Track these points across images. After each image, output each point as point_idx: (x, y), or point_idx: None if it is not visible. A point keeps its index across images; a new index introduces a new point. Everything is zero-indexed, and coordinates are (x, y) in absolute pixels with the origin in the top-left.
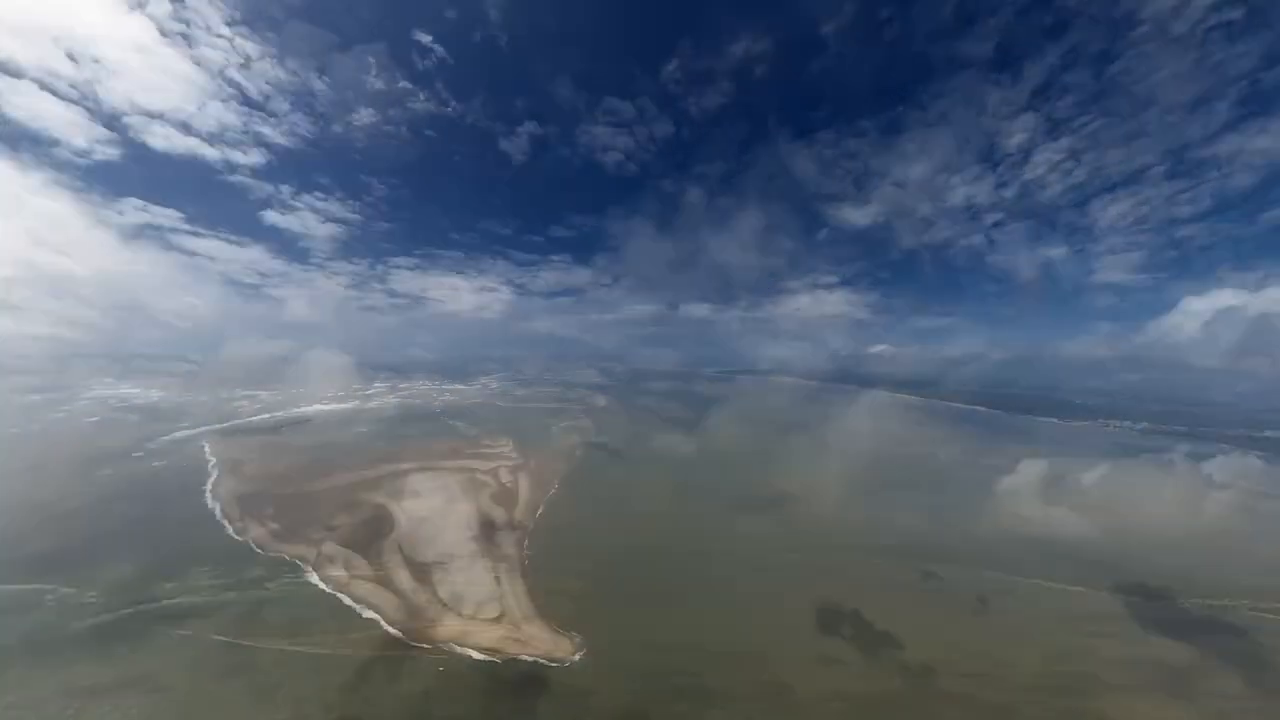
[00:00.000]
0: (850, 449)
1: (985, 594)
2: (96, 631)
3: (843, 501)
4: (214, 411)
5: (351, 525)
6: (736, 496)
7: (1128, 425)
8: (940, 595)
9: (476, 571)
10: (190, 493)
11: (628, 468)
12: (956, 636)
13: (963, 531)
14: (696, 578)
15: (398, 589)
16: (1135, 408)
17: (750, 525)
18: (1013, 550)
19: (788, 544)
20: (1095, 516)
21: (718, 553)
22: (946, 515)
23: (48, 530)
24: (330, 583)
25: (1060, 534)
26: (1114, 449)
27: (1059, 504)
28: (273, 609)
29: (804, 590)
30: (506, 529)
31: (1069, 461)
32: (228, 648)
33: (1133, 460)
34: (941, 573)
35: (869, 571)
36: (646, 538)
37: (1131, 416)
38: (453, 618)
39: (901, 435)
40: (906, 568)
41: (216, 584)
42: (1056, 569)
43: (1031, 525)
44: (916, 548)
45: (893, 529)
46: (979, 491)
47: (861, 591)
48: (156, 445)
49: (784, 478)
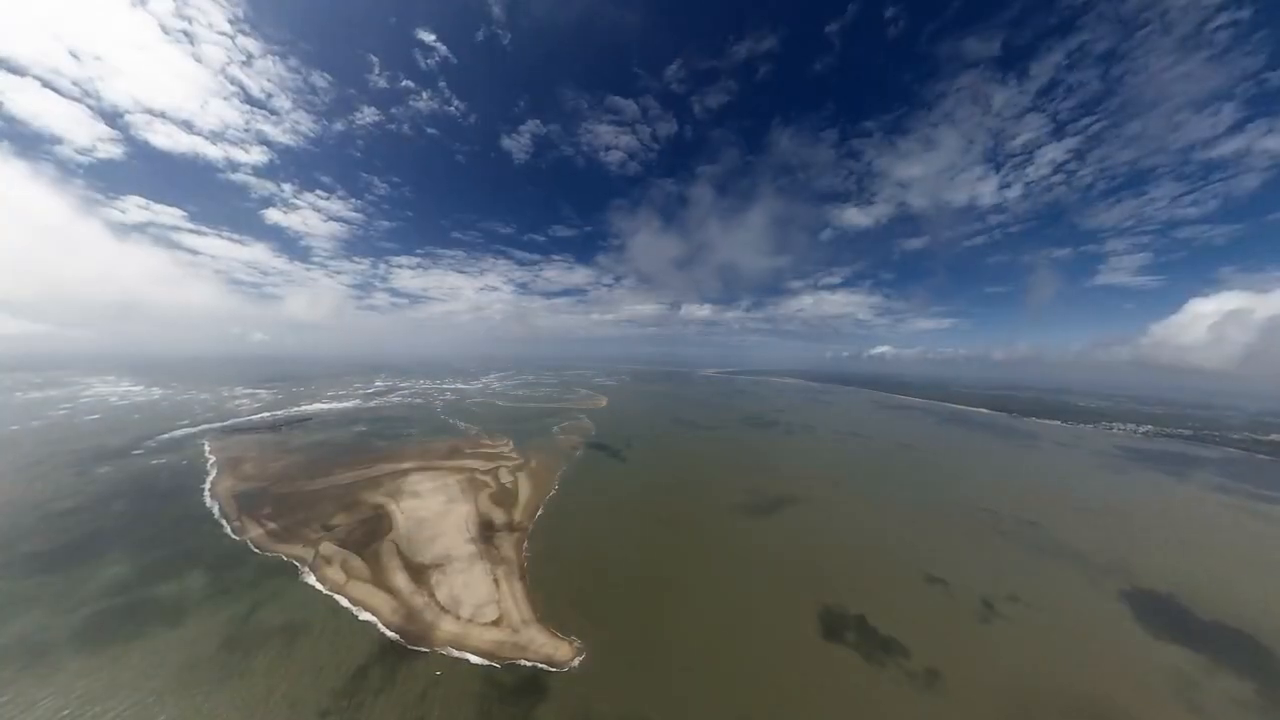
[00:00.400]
0: (853, 452)
1: (991, 599)
2: (89, 633)
3: (846, 504)
4: (214, 410)
5: (349, 525)
6: (738, 498)
7: (1131, 428)
8: (945, 600)
9: (475, 574)
10: (188, 491)
11: (628, 469)
12: (963, 644)
13: (965, 535)
14: (698, 581)
15: (395, 591)
16: (1139, 411)
17: (753, 527)
18: (1018, 555)
19: (791, 547)
20: (1102, 521)
21: (720, 555)
22: (948, 518)
23: (44, 528)
24: (327, 584)
25: (1066, 539)
26: (1118, 452)
27: (1064, 508)
28: (268, 611)
29: (808, 594)
30: (505, 530)
31: (1074, 465)
32: (222, 650)
33: (1137, 464)
34: (945, 577)
35: (873, 576)
36: (647, 540)
37: (1135, 420)
38: (450, 621)
39: (904, 438)
40: (911, 572)
41: (212, 585)
42: (1064, 575)
43: (1037, 530)
44: (920, 552)
45: (897, 533)
46: (982, 495)
47: (865, 596)
48: (156, 443)
49: (786, 480)
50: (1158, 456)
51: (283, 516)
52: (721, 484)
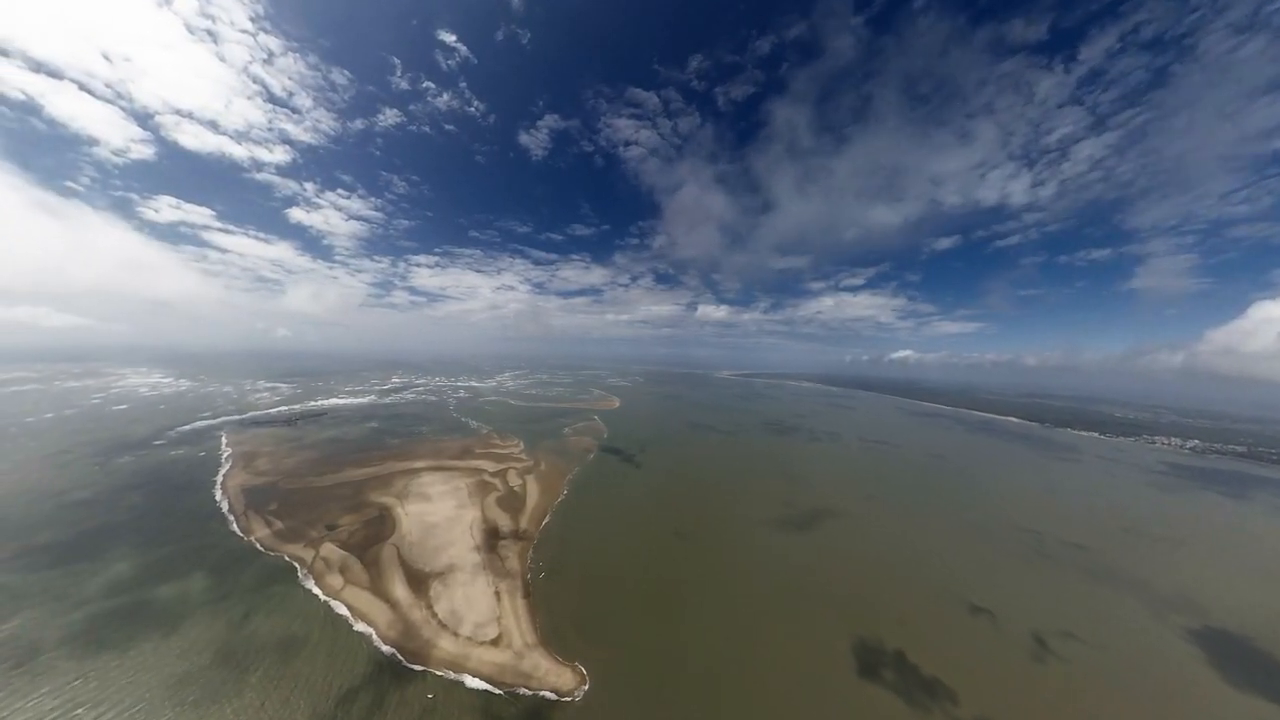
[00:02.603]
0: (882, 462)
1: (1043, 635)
2: (85, 635)
3: (879, 519)
4: (235, 402)
5: (352, 526)
6: (761, 510)
7: (1177, 443)
8: (993, 635)
9: (477, 587)
10: (201, 486)
11: (641, 474)
12: (1016, 688)
13: (1008, 558)
14: (717, 603)
15: (394, 602)
16: (1183, 424)
17: (778, 543)
18: (1069, 583)
19: (821, 566)
20: (1158, 547)
21: (741, 574)
22: (989, 539)
23: (59, 519)
24: (326, 590)
25: (1120, 565)
26: (1166, 469)
27: (1115, 530)
28: (266, 620)
29: (841, 622)
30: (511, 539)
31: (1119, 482)
32: (216, 663)
33: (1190, 482)
34: (991, 606)
35: (911, 603)
36: (660, 554)
37: (1179, 433)
38: (449, 639)
39: (934, 448)
40: (952, 600)
41: (213, 589)
42: (1123, 608)
43: (1087, 554)
44: (961, 576)
45: (935, 553)
46: (1022, 512)
47: (904, 627)
48: (177, 434)
49: (813, 491)
50: (1211, 475)
51: (288, 514)
52: (742, 494)
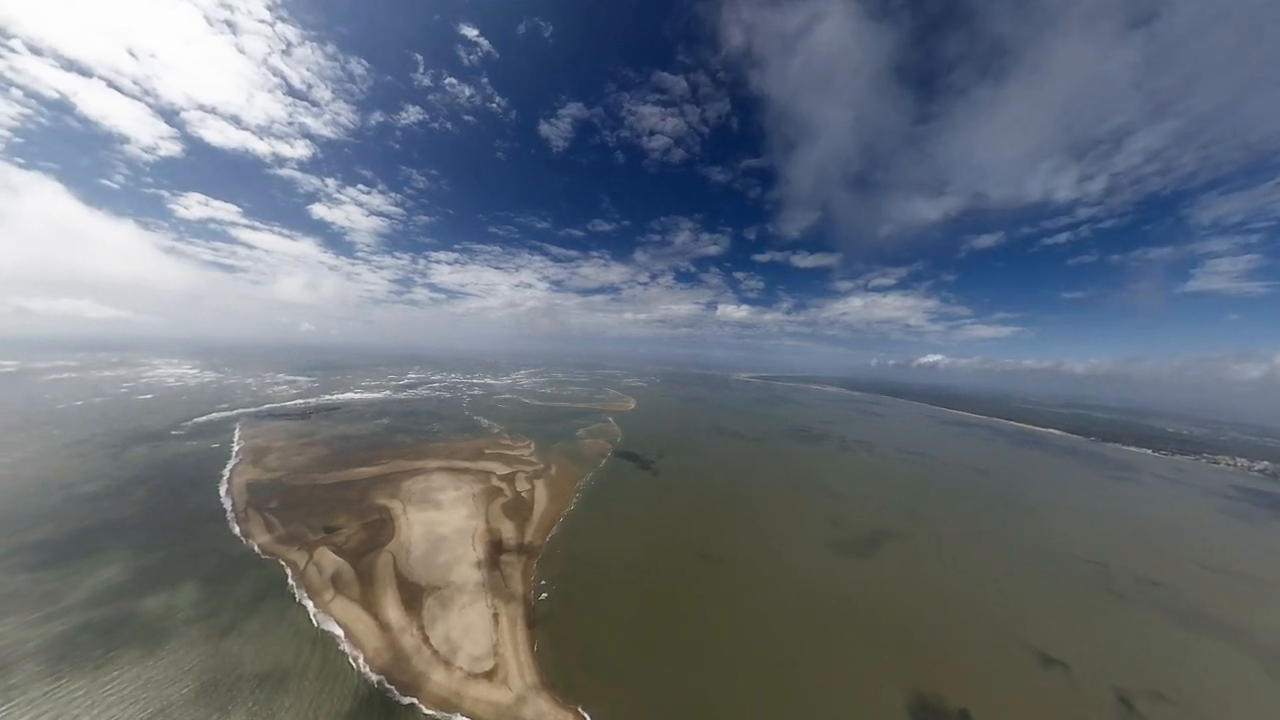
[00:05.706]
0: (921, 476)
1: (1129, 695)
2: (62, 650)
3: (927, 545)
4: (253, 394)
5: (351, 529)
6: (793, 529)
7: (1244, 464)
8: (1069, 693)
9: (474, 611)
10: (208, 481)
11: (659, 483)
12: None
13: (1074, 595)
14: (745, 640)
15: (384, 620)
16: (1246, 442)
17: (815, 569)
18: (1150, 628)
19: (865, 599)
20: (1251, 587)
21: (773, 606)
22: (1050, 571)
23: (62, 513)
24: (317, 603)
25: (1209, 608)
26: (1237, 494)
27: (1193, 565)
28: (253, 640)
29: (891, 670)
30: (514, 552)
31: (1187, 507)
32: (196, 694)
33: (1270, 510)
34: (1063, 657)
35: (972, 648)
36: (680, 577)
37: (1245, 453)
38: (442, 671)
39: (976, 461)
40: (1018, 646)
41: (203, 603)
42: (1224, 662)
43: (1166, 593)
44: (1026, 617)
45: (995, 587)
46: (1084, 540)
47: (967, 678)
48: (193, 425)
49: (850, 508)
50: None
51: (289, 514)
52: (771, 509)
